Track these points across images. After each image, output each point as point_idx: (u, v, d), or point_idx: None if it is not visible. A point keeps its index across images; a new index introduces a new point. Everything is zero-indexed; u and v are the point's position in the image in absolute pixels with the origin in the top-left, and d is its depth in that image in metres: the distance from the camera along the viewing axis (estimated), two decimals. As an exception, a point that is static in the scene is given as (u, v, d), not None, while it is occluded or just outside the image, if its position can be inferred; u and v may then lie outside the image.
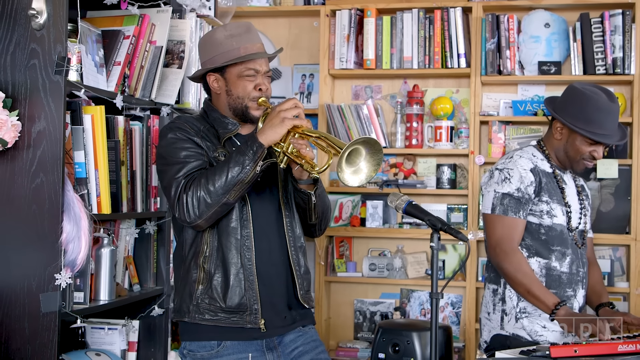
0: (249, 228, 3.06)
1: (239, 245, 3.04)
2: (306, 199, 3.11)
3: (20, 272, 3.11)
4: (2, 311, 3.12)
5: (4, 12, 3.13)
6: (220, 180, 2.88)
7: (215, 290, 3.03)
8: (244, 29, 3.18)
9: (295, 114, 2.93)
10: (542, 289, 3.51)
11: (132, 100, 3.62)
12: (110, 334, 3.65)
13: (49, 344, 3.07)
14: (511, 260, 3.55)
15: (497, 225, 3.62)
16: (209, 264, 3.05)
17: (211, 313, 3.04)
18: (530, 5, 5.19)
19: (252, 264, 3.04)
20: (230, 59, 3.11)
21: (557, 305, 3.44)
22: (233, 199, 2.92)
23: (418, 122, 5.30)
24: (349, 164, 2.85)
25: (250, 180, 2.91)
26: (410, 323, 4.48)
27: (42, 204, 3.08)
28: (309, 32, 5.57)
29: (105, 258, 3.45)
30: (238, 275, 3.03)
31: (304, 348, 3.16)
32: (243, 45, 3.12)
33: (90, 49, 3.40)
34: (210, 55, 3.17)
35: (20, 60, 3.12)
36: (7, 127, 3.01)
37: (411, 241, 5.39)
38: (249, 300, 3.03)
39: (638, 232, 4.94)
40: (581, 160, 3.61)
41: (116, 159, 3.50)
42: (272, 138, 2.92)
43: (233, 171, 2.88)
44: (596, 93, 3.53)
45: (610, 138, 3.57)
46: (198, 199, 2.89)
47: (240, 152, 2.92)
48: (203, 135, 3.10)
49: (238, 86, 3.12)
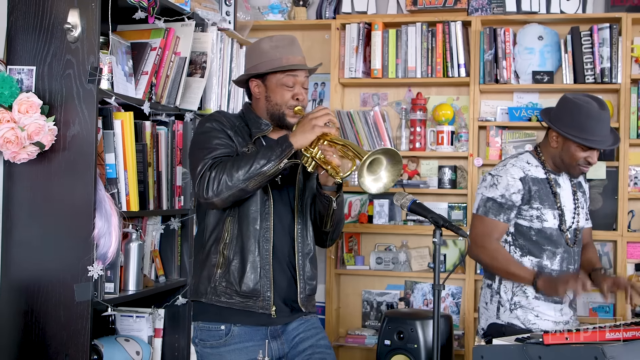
0: (269, 221, 3.04)
1: (257, 235, 3.03)
2: (327, 204, 3.07)
3: (56, 265, 3.13)
4: (40, 300, 3.14)
5: (42, 26, 3.15)
6: (245, 167, 2.85)
7: (233, 275, 3.02)
8: (288, 42, 3.15)
9: (325, 121, 2.91)
10: (517, 266, 3.55)
11: (158, 107, 3.63)
12: (138, 321, 3.66)
13: (82, 330, 3.09)
14: (486, 251, 3.57)
15: (477, 224, 3.64)
16: (228, 250, 3.04)
17: (227, 296, 3.03)
18: (525, 20, 5.18)
19: (269, 254, 3.03)
20: (272, 67, 3.09)
21: (536, 277, 3.48)
22: (251, 188, 2.89)
23: (421, 127, 5.30)
24: (370, 172, 2.82)
25: (272, 174, 2.88)
26: (413, 312, 4.47)
27: (76, 202, 3.10)
28: (320, 44, 5.57)
29: (134, 252, 3.46)
30: (254, 263, 3.01)
31: (305, 334, 3.14)
32: (285, 56, 3.10)
33: (120, 59, 3.41)
34: (255, 62, 3.14)
35: (56, 70, 3.13)
36: (44, 131, 3.02)
37: (415, 237, 5.39)
38: (262, 287, 3.02)
39: (624, 228, 4.94)
40: (577, 166, 3.59)
41: (144, 160, 3.51)
42: (302, 142, 2.90)
43: (259, 162, 2.85)
44: (587, 102, 3.52)
45: (602, 143, 3.54)
46: (220, 179, 2.86)
47: (269, 147, 2.91)
48: (237, 130, 3.08)
49: (277, 93, 3.09)
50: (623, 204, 4.94)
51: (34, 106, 3.02)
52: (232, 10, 4.60)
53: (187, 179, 3.85)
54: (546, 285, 3.47)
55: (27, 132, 2.99)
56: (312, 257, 3.19)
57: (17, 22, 3.19)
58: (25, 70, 3.15)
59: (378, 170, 2.85)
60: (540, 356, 2.82)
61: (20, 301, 3.17)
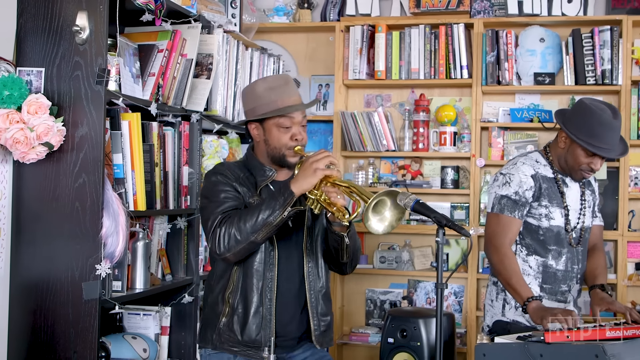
0: (273, 271, 3.04)
1: (260, 287, 3.03)
2: (339, 240, 3.05)
3: (65, 264, 3.13)
4: (49, 298, 3.15)
5: (51, 28, 3.16)
6: (251, 220, 2.86)
7: (236, 324, 3.04)
8: (282, 82, 3.12)
9: (326, 163, 2.89)
10: (520, 282, 3.46)
11: (165, 108, 3.63)
12: (145, 319, 3.66)
13: (90, 328, 3.10)
14: (498, 254, 3.54)
15: (492, 222, 3.61)
16: (233, 299, 3.05)
17: (230, 344, 3.05)
18: (527, 22, 5.18)
19: (272, 304, 3.03)
20: (268, 111, 3.06)
21: (529, 299, 3.41)
22: (261, 239, 2.90)
23: (424, 128, 5.30)
24: (375, 212, 2.82)
25: (278, 224, 2.88)
26: (416, 311, 4.47)
27: (84, 202, 3.10)
28: (325, 46, 5.57)
29: (141, 251, 3.46)
30: (257, 314, 3.02)
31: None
32: (280, 98, 3.07)
33: (127, 61, 3.41)
34: (251, 105, 3.12)
35: (65, 72, 3.14)
36: (53, 132, 3.03)
37: (418, 236, 5.38)
38: (263, 337, 3.02)
39: (625, 228, 4.93)
40: (579, 171, 3.55)
41: (151, 161, 3.52)
42: (304, 187, 2.89)
43: (264, 214, 2.86)
44: (601, 109, 3.47)
45: (609, 152, 3.50)
46: (229, 234, 2.88)
47: (273, 197, 2.91)
48: (241, 182, 3.07)
49: (275, 137, 3.07)
50: (624, 204, 4.94)
51: (43, 107, 3.02)
52: (238, 13, 4.61)
53: (194, 179, 3.86)
54: (535, 312, 3.34)
55: (36, 133, 2.99)
56: (325, 293, 3.18)
57: (26, 25, 3.20)
58: (34, 72, 3.15)
59: (383, 211, 2.85)
60: (541, 354, 2.82)
61: (30, 299, 3.17)
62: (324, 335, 3.16)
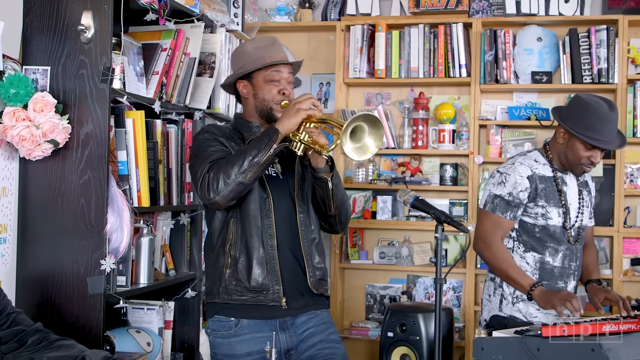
0: (270, 218, 3.05)
1: (260, 233, 3.04)
2: (324, 186, 3.08)
3: (70, 259, 3.13)
4: (54, 293, 3.15)
5: (57, 27, 3.15)
6: (239, 161, 2.89)
7: (241, 273, 3.03)
8: (269, 42, 3.21)
9: (309, 105, 2.94)
10: (519, 272, 3.50)
11: (168, 106, 3.63)
12: (149, 313, 3.66)
13: (95, 322, 3.10)
14: (491, 249, 3.54)
15: (484, 220, 3.62)
16: (234, 250, 3.05)
17: (238, 293, 3.03)
18: (525, 22, 5.17)
19: (274, 249, 3.04)
20: (257, 66, 3.13)
21: (533, 286, 3.45)
22: (249, 180, 2.90)
23: (423, 126, 5.29)
24: (354, 140, 2.85)
25: (265, 162, 2.90)
26: (416, 305, 4.47)
27: (89, 198, 3.10)
28: (326, 45, 5.57)
29: (145, 246, 3.46)
30: (260, 259, 3.03)
31: (315, 329, 3.13)
32: (268, 55, 3.15)
33: (132, 60, 3.41)
34: (240, 64, 3.19)
35: (70, 70, 3.14)
36: (58, 129, 3.03)
37: (417, 232, 5.39)
38: (270, 281, 3.02)
39: (620, 224, 4.93)
40: (579, 165, 3.55)
41: (154, 158, 3.51)
42: (288, 126, 2.93)
43: (251, 153, 2.88)
44: (598, 102, 3.47)
45: (607, 144, 3.50)
46: (217, 178, 2.89)
47: (258, 138, 2.95)
48: (228, 136, 3.12)
49: (264, 90, 3.14)
50: (619, 201, 4.94)
51: (49, 105, 3.02)
52: (240, 12, 4.60)
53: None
54: (542, 296, 3.41)
55: (42, 130, 2.99)
56: (318, 242, 3.19)
57: (32, 24, 3.19)
58: (40, 71, 3.15)
59: (362, 138, 2.87)
60: (538, 348, 2.82)
61: (36, 294, 3.17)
62: (321, 284, 3.17)
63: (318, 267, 3.16)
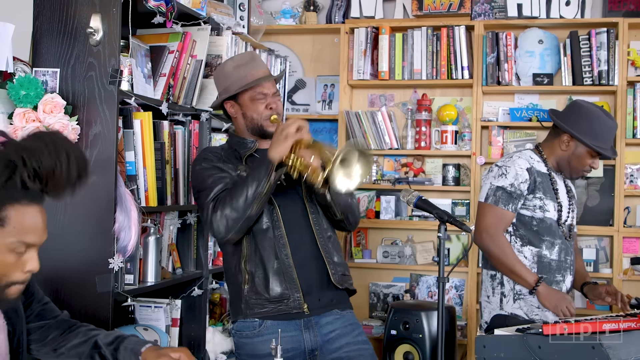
0: (280, 228, 3.04)
1: (272, 244, 3.02)
2: (323, 197, 3.08)
3: (79, 257, 3.13)
4: (63, 291, 3.15)
5: (66, 30, 3.16)
6: (242, 196, 2.89)
7: (259, 286, 3.01)
8: (248, 58, 3.21)
9: (295, 128, 2.90)
10: (523, 267, 3.51)
11: (175, 107, 3.64)
12: (156, 311, 3.66)
13: (103, 319, 3.10)
14: (496, 243, 3.54)
15: (487, 213, 3.60)
16: (250, 265, 3.03)
17: (259, 307, 3.01)
18: (526, 24, 5.18)
19: (288, 257, 3.02)
20: (240, 86, 3.13)
21: (537, 282, 3.47)
22: (255, 211, 2.92)
23: (426, 127, 5.30)
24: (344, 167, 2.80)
25: (267, 192, 2.91)
26: (418, 304, 4.49)
27: (97, 198, 3.10)
28: (330, 47, 5.58)
29: (152, 245, 3.47)
30: (276, 270, 3.01)
31: (341, 331, 3.11)
32: (250, 72, 3.14)
33: (139, 62, 3.42)
34: (224, 85, 3.19)
35: (79, 72, 3.14)
36: (68, 130, 3.03)
37: (420, 231, 5.39)
38: (289, 289, 3.00)
39: (620, 224, 4.94)
40: (581, 170, 3.62)
41: (162, 158, 3.52)
42: (279, 153, 2.90)
43: (252, 187, 2.88)
44: (603, 112, 3.57)
45: (613, 152, 3.61)
46: (225, 216, 2.90)
47: (255, 169, 2.93)
48: (225, 159, 3.11)
49: (251, 108, 3.13)
50: (619, 201, 4.94)
51: (58, 106, 3.03)
52: (246, 15, 4.62)
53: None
54: (546, 295, 3.45)
55: (52, 131, 3.00)
56: (334, 240, 3.18)
57: (42, 27, 3.20)
58: (49, 72, 3.16)
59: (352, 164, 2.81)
60: (540, 346, 2.82)
61: (45, 292, 3.14)
62: (343, 279, 3.16)
63: (339, 262, 3.15)
